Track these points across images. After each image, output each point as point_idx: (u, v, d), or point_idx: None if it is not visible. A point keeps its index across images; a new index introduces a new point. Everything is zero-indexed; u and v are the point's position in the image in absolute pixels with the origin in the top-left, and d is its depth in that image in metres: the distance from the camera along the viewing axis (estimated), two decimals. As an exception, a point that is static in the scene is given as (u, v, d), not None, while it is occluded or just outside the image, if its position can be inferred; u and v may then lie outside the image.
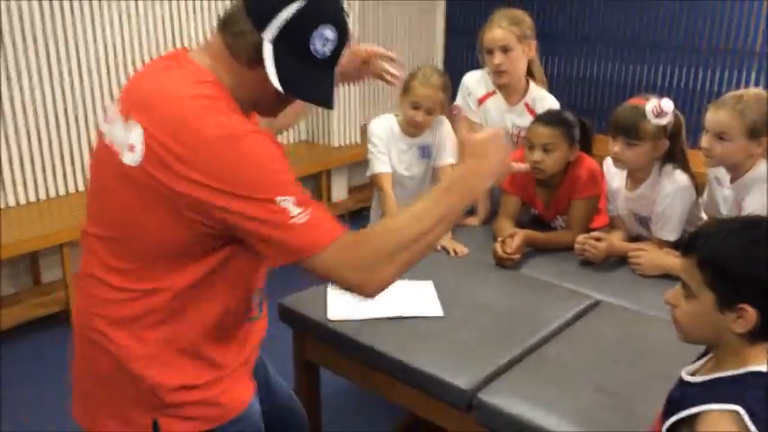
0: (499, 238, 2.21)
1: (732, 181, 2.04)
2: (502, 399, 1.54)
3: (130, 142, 1.17)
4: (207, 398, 1.30)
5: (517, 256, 2.16)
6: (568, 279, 2.10)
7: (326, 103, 1.26)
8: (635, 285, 2.05)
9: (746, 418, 1.06)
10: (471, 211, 2.59)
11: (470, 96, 2.60)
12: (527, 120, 2.45)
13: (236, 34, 1.20)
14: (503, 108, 2.57)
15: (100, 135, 1.28)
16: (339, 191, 4.80)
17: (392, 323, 1.82)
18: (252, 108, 1.29)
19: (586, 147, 2.37)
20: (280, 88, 1.19)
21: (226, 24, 1.22)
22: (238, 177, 1.13)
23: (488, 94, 2.57)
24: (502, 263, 2.16)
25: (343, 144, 4.66)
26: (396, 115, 2.53)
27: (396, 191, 2.51)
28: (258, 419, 1.39)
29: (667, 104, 2.05)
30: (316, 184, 4.66)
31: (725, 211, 2.07)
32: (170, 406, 1.28)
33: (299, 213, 1.15)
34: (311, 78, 1.23)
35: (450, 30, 5.34)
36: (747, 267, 1.08)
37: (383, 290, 1.25)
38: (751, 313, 1.08)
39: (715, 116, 1.96)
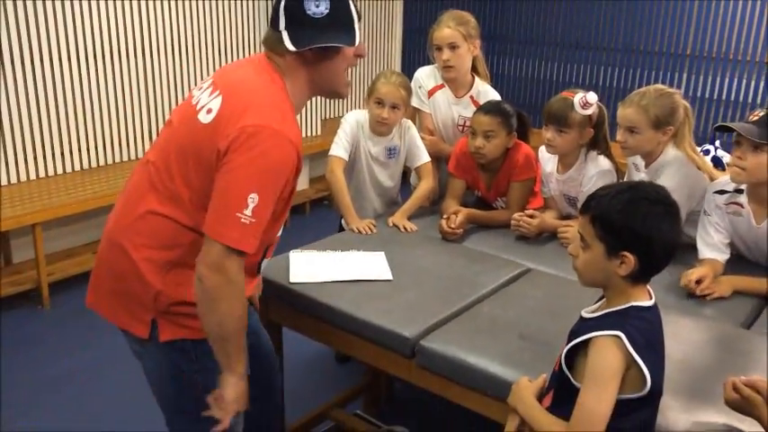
0: (444, 215, 2.47)
1: (647, 166, 2.33)
2: (440, 345, 1.78)
3: (210, 107, 1.53)
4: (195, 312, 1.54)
5: (460, 230, 2.42)
6: (505, 251, 2.36)
7: (345, 40, 1.54)
8: (562, 256, 2.29)
9: (626, 341, 1.32)
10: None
11: (421, 89, 2.85)
12: (472, 111, 2.70)
13: (272, 39, 1.57)
14: (450, 100, 2.82)
15: (190, 97, 1.63)
16: (301, 180, 4.98)
17: (347, 285, 2.05)
18: (310, 96, 1.64)
19: (524, 136, 2.64)
20: (292, 47, 1.51)
21: (266, 42, 1.60)
22: (253, 166, 1.43)
23: (437, 87, 2.83)
24: (446, 236, 2.41)
25: (304, 136, 4.86)
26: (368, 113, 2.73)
27: (365, 181, 2.73)
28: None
29: (592, 97, 2.34)
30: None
31: None
32: (168, 313, 1.57)
33: (248, 216, 1.43)
34: (326, 33, 1.52)
35: (407, 29, 5.60)
36: (628, 222, 1.34)
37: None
38: (631, 259, 1.34)
39: (624, 113, 2.25)
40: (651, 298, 1.41)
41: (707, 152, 2.72)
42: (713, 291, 2.05)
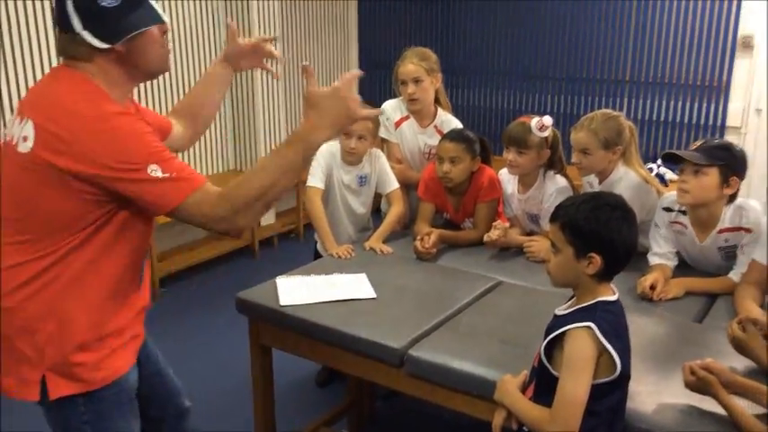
0: (418, 237, 2.63)
1: (600, 183, 2.55)
2: (427, 353, 1.93)
3: (24, 134, 1.46)
4: (92, 361, 1.54)
5: (434, 250, 2.59)
6: (476, 267, 2.54)
7: (149, 21, 1.50)
8: (529, 269, 2.50)
9: (597, 330, 1.50)
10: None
11: (388, 121, 3.03)
12: (437, 140, 2.89)
13: (67, 45, 1.50)
14: (416, 130, 3.01)
15: (6, 140, 1.54)
16: (267, 215, 5.11)
17: (334, 305, 2.18)
18: (133, 84, 1.59)
19: (486, 160, 2.84)
20: (104, 45, 1.46)
21: (62, 51, 1.53)
22: (113, 150, 1.41)
23: (403, 119, 3.02)
24: (421, 256, 2.58)
25: (269, 171, 4.98)
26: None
27: (339, 209, 2.88)
28: (132, 388, 1.64)
29: (547, 120, 2.56)
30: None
31: None
32: (58, 365, 1.51)
33: (168, 173, 1.43)
34: (129, 19, 1.47)
35: (363, 64, 5.83)
36: (593, 226, 1.53)
37: (244, 231, 1.50)
38: (597, 259, 1.53)
39: (576, 137, 2.48)
40: (615, 294, 1.60)
41: (650, 170, 2.97)
42: (667, 293, 2.26)
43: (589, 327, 1.50)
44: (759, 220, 2.24)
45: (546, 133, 2.57)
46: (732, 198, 2.28)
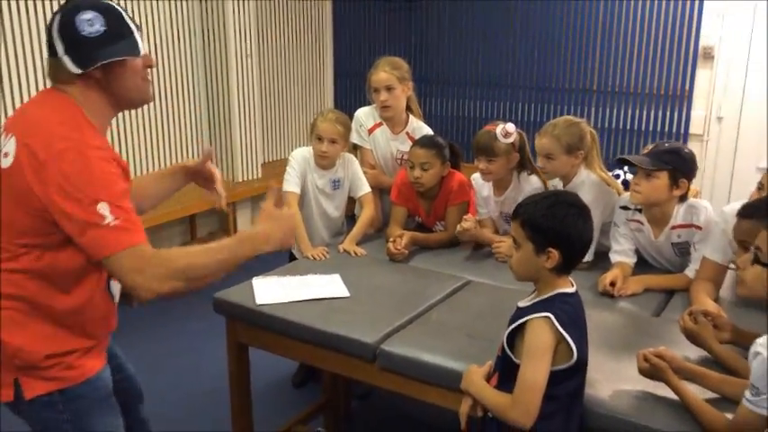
0: (391, 239, 2.72)
1: (564, 186, 2.67)
2: (398, 347, 2.02)
3: (6, 150, 1.53)
4: (65, 361, 1.58)
5: (406, 251, 2.68)
6: (446, 267, 2.63)
7: (128, 52, 1.57)
8: (498, 268, 2.59)
9: (555, 320, 1.60)
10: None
11: (362, 128, 3.13)
12: (409, 146, 2.99)
13: (53, 68, 1.59)
14: (389, 136, 3.11)
15: None
16: (244, 222, 5.17)
17: (310, 304, 2.26)
18: (113, 112, 1.66)
19: (456, 164, 2.95)
20: (77, 69, 1.53)
21: (50, 74, 1.61)
22: (73, 181, 1.45)
23: (376, 125, 3.11)
24: (394, 257, 2.67)
25: (246, 179, 5.05)
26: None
27: (313, 213, 2.96)
28: (108, 386, 1.69)
29: (511, 126, 2.68)
30: (222, 217, 5.03)
31: None
32: (30, 368, 1.56)
33: (113, 219, 1.45)
34: (106, 49, 1.54)
35: (338, 72, 5.94)
36: (550, 223, 1.63)
37: (154, 297, 1.51)
38: (555, 254, 1.63)
39: (540, 143, 2.59)
40: (573, 286, 1.70)
41: (617, 176, 3.09)
42: (626, 290, 2.37)
43: (548, 317, 1.60)
44: (708, 219, 2.36)
45: (511, 139, 2.68)
46: (683, 197, 2.41)
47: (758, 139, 4.41)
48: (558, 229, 1.63)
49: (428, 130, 3.12)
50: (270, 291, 2.34)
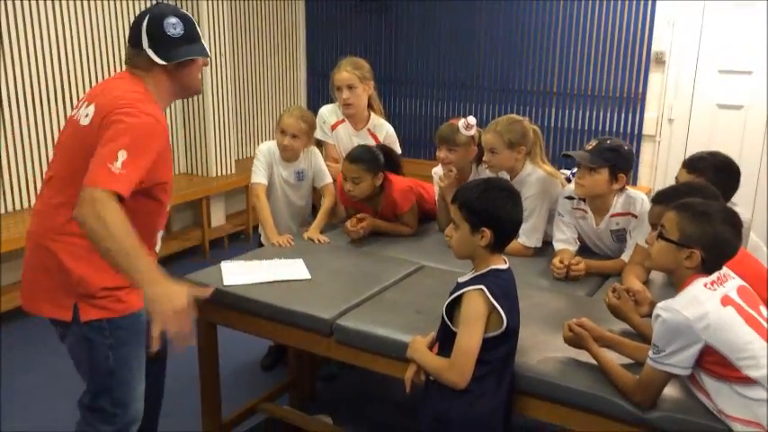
0: (349, 221, 2.91)
1: (511, 180, 2.87)
2: (353, 323, 2.20)
3: (87, 113, 1.92)
4: (115, 295, 1.93)
5: (361, 231, 2.86)
6: (402, 253, 2.83)
7: (200, 53, 2.02)
8: (449, 255, 2.72)
9: (487, 292, 1.79)
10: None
11: (325, 124, 3.32)
12: (370, 141, 3.19)
13: (134, 57, 1.99)
14: (351, 132, 3.30)
15: (71, 117, 1.99)
16: (218, 217, 5.32)
17: (273, 285, 2.44)
18: (174, 98, 2.09)
19: (396, 168, 3.10)
20: (161, 61, 1.94)
21: (128, 60, 2.02)
22: (120, 130, 1.80)
23: (339, 122, 3.31)
24: (350, 235, 2.86)
25: (220, 174, 5.20)
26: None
27: (280, 203, 3.15)
28: (144, 321, 1.92)
29: (472, 119, 2.89)
30: (196, 211, 5.17)
31: None
32: (88, 296, 1.91)
33: (118, 168, 1.74)
34: (184, 48, 1.97)
35: (310, 72, 6.12)
36: (483, 205, 1.83)
37: (82, 227, 1.72)
38: (488, 233, 1.83)
39: (485, 138, 2.80)
40: (506, 263, 1.90)
41: (569, 180, 3.31)
42: (578, 264, 2.57)
43: (481, 289, 1.80)
44: (643, 209, 2.59)
45: (472, 132, 2.89)
46: (622, 189, 2.63)
47: (707, 139, 4.68)
48: (490, 210, 1.83)
49: (388, 127, 3.31)
50: (237, 273, 2.52)
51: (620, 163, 2.57)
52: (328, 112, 3.33)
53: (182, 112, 5.12)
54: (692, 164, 2.51)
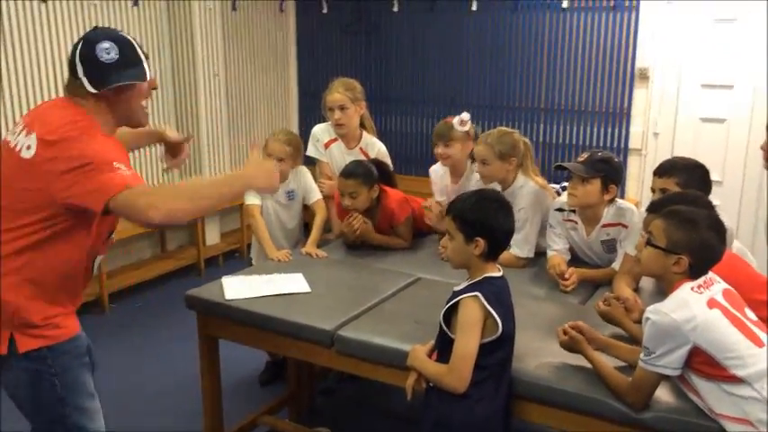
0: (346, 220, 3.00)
1: (503, 191, 2.95)
2: (353, 333, 2.26)
3: (28, 144, 1.82)
4: (53, 322, 1.87)
5: (356, 224, 2.95)
6: (399, 266, 2.89)
7: (136, 77, 1.88)
8: (445, 267, 2.82)
9: (482, 298, 1.86)
10: (329, 230, 3.35)
11: (318, 143, 3.41)
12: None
13: (71, 84, 1.89)
14: (343, 151, 3.38)
15: (6, 141, 1.91)
16: (212, 236, 5.37)
17: (274, 298, 2.50)
18: (117, 126, 1.95)
19: (389, 180, 3.20)
20: (93, 89, 1.83)
21: (68, 88, 1.91)
22: (84, 154, 1.74)
23: (332, 141, 3.39)
24: (347, 232, 2.97)
25: (214, 193, 5.23)
26: None
27: (272, 223, 3.21)
28: (85, 343, 1.96)
29: (465, 116, 3.05)
30: (191, 230, 5.22)
31: None
32: (24, 326, 1.84)
33: (126, 170, 1.75)
34: (116, 74, 1.85)
35: (302, 92, 6.21)
36: (477, 216, 1.91)
37: (166, 216, 1.70)
38: (481, 242, 1.90)
39: (477, 149, 2.91)
40: (500, 271, 1.97)
41: (564, 188, 3.40)
42: (573, 285, 2.64)
43: (476, 295, 1.87)
44: (634, 219, 2.67)
45: (466, 127, 3.05)
46: (612, 200, 2.71)
47: (691, 151, 4.77)
48: (483, 220, 1.91)
49: (380, 145, 3.40)
50: (238, 287, 2.57)
51: (611, 174, 2.66)
52: (321, 131, 3.41)
53: (175, 130, 5.17)
54: (663, 170, 2.57)
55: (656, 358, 1.74)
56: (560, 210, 2.83)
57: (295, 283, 2.63)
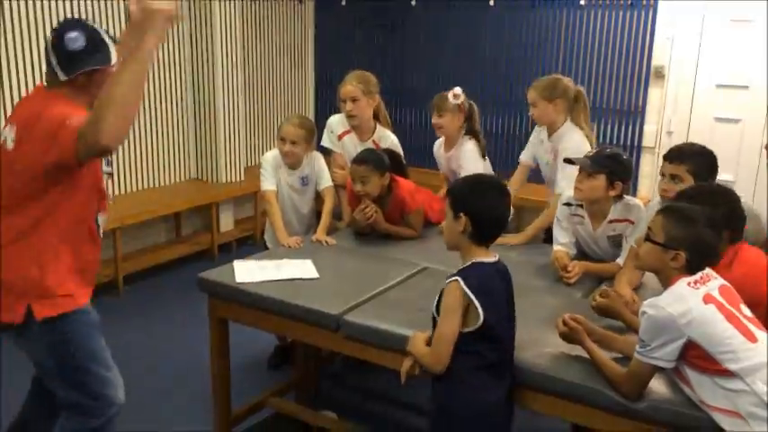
0: (359, 209, 3.06)
1: (549, 135, 3.15)
2: (359, 318, 2.32)
3: (12, 135, 2.00)
4: (68, 292, 2.03)
5: (369, 212, 3.03)
6: (407, 256, 2.94)
7: (103, 62, 2.03)
8: (451, 257, 2.90)
9: (462, 283, 1.89)
10: (339, 219, 3.41)
11: (332, 134, 3.47)
12: None
13: (48, 75, 2.06)
14: (356, 143, 3.43)
15: None
16: (226, 222, 5.45)
17: (284, 283, 2.56)
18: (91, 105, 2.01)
19: (401, 170, 3.27)
20: (64, 76, 2.00)
21: (46, 79, 2.08)
22: (50, 118, 1.91)
23: (345, 132, 3.45)
24: (359, 220, 3.04)
25: (229, 181, 5.34)
26: None
27: (287, 208, 3.28)
28: (96, 314, 2.13)
29: (458, 90, 3.31)
30: (206, 216, 5.31)
31: (545, 156, 3.33)
32: (40, 296, 2.00)
33: (75, 120, 1.86)
34: (84, 60, 2.01)
35: (319, 82, 6.27)
36: (464, 192, 1.98)
37: (115, 138, 1.81)
38: (463, 219, 1.93)
39: (528, 93, 3.24)
40: (493, 257, 2.00)
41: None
42: (575, 274, 2.68)
43: (456, 280, 1.91)
44: (640, 215, 2.70)
45: (459, 100, 3.31)
46: (620, 197, 2.75)
47: (704, 152, 4.79)
48: (470, 198, 1.96)
49: (393, 138, 3.45)
50: (249, 271, 2.64)
51: (617, 170, 2.68)
52: (336, 123, 3.48)
53: (193, 119, 5.26)
54: (674, 156, 2.60)
55: (652, 350, 1.78)
56: (568, 204, 2.87)
57: (304, 268, 2.69)
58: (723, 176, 3.22)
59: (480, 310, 1.89)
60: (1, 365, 3.23)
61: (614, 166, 2.68)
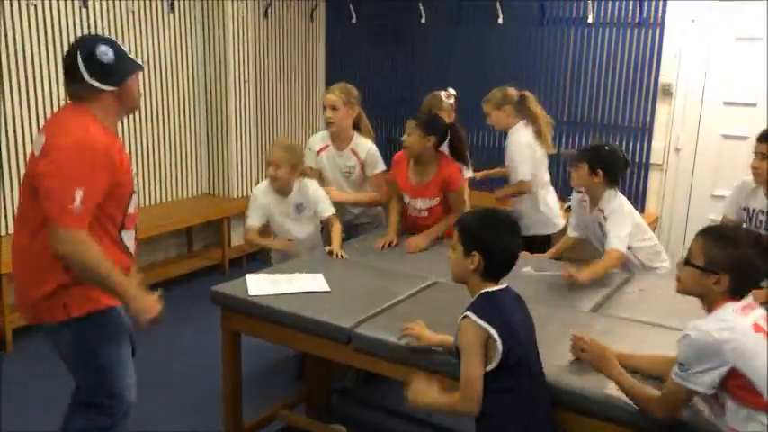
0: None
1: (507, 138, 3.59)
2: (370, 331, 2.35)
3: (41, 144, 2.11)
4: (96, 293, 2.15)
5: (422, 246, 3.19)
6: (417, 270, 2.97)
7: (134, 67, 2.21)
8: None
9: (473, 316, 1.87)
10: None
11: (311, 151, 3.62)
12: (354, 161, 3.50)
13: (77, 90, 2.15)
14: (334, 154, 3.57)
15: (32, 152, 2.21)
16: (237, 237, 5.49)
17: (295, 296, 2.60)
18: (120, 117, 2.29)
19: (457, 151, 3.41)
20: (110, 87, 2.13)
21: (71, 94, 2.19)
22: (63, 169, 2.03)
23: (323, 148, 3.60)
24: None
25: (240, 196, 5.39)
26: None
27: (285, 236, 3.33)
28: (128, 325, 2.27)
29: (451, 90, 3.77)
30: (217, 231, 5.35)
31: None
32: (75, 296, 2.13)
33: (79, 207, 2.00)
34: (121, 68, 2.16)
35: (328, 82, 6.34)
36: (477, 229, 1.94)
37: (62, 257, 2.04)
38: (477, 257, 1.91)
39: (483, 107, 3.76)
40: (503, 285, 1.96)
41: (569, 208, 3.52)
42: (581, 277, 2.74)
43: (467, 316, 1.88)
44: (611, 206, 2.95)
45: (451, 100, 3.73)
46: (611, 187, 3.00)
47: (712, 168, 4.81)
48: (483, 235, 1.92)
49: (370, 146, 3.57)
50: (261, 285, 2.68)
51: (596, 159, 2.98)
52: (315, 140, 3.67)
53: (205, 134, 5.33)
54: (765, 136, 2.92)
55: (692, 375, 1.69)
56: (580, 191, 3.14)
57: (315, 282, 2.73)
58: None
59: (498, 339, 1.82)
60: (1, 377, 3.27)
61: (593, 155, 3.01)
